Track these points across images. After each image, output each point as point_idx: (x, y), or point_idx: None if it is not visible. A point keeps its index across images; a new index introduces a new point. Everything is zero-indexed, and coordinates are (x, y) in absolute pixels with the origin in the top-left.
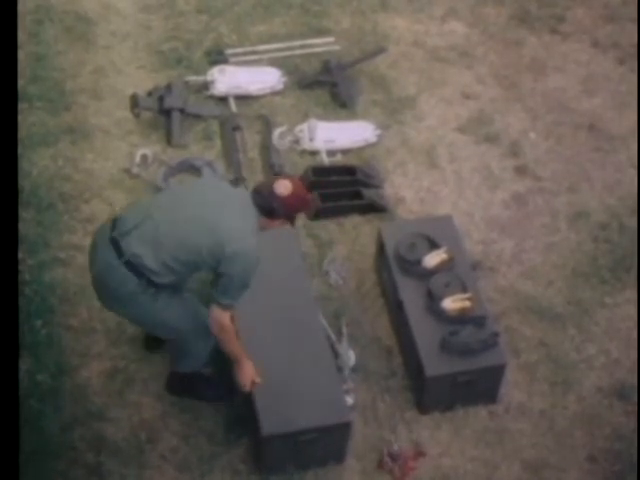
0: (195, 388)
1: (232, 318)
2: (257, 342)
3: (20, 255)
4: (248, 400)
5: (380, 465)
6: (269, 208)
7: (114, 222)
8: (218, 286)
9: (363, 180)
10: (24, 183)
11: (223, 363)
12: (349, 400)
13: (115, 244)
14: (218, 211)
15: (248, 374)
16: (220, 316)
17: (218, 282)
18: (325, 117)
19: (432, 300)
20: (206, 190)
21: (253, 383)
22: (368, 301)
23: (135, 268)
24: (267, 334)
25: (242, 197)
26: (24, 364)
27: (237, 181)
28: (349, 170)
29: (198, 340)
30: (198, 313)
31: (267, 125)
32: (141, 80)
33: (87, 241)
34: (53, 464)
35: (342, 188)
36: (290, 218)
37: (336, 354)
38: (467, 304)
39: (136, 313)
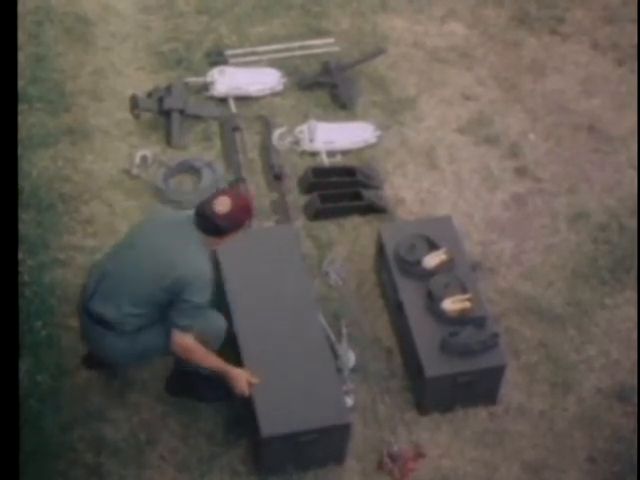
0: (194, 388)
1: (197, 338)
2: (257, 343)
3: (20, 256)
4: (248, 401)
5: (380, 466)
6: (215, 228)
7: (83, 290)
8: (175, 310)
9: (363, 181)
10: (24, 184)
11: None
12: (349, 401)
13: (86, 310)
14: (161, 246)
15: (240, 380)
16: (181, 339)
17: (174, 306)
18: (325, 118)
19: (432, 301)
20: (149, 229)
21: (250, 385)
22: (368, 302)
23: (104, 324)
24: (267, 334)
25: (183, 223)
26: (24, 364)
27: (237, 182)
28: (349, 171)
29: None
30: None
31: (267, 126)
32: (141, 81)
33: (87, 242)
34: (53, 464)
35: (342, 189)
36: (239, 229)
37: (336, 355)
38: (467, 305)
39: (120, 357)
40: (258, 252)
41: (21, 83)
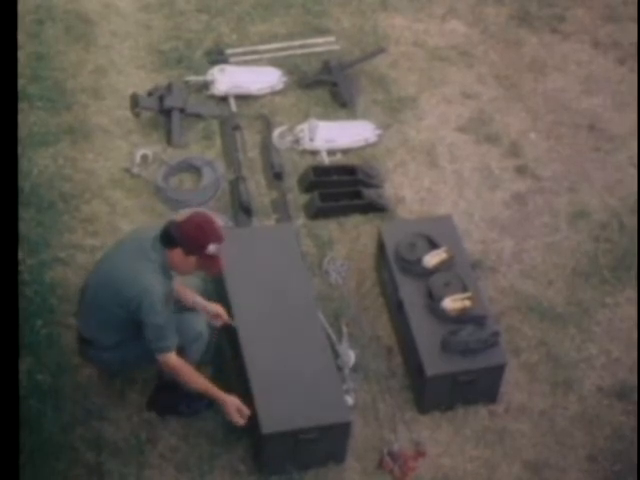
0: (173, 404)
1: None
2: (257, 341)
3: (20, 255)
4: (248, 399)
5: (380, 465)
6: (165, 236)
7: None
8: (146, 338)
9: (363, 180)
10: (24, 183)
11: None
12: (349, 400)
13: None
14: (119, 265)
15: (230, 408)
16: (164, 359)
17: (143, 333)
18: (325, 117)
19: (432, 300)
20: (117, 247)
21: (241, 413)
22: (368, 301)
23: (83, 340)
24: (267, 333)
25: (146, 242)
26: (24, 364)
27: (237, 181)
28: (349, 170)
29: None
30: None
31: (267, 125)
32: (141, 80)
33: (87, 241)
34: (53, 464)
35: (342, 188)
36: (190, 247)
37: (336, 354)
38: (467, 304)
39: (109, 368)
40: (258, 251)
41: (22, 82)
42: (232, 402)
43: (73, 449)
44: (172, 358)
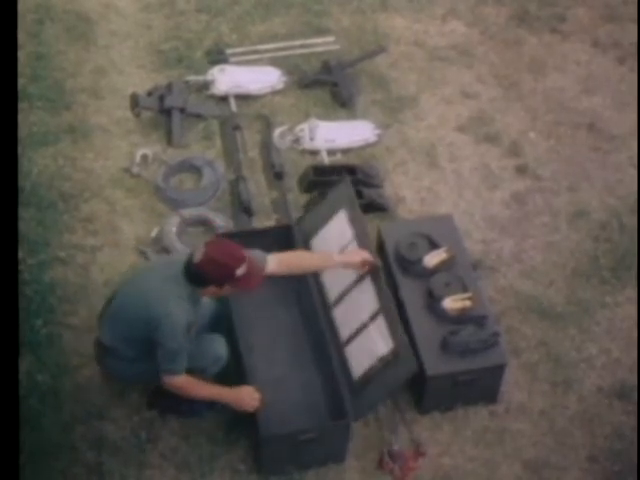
0: (173, 404)
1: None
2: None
3: (20, 255)
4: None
5: (380, 465)
6: (191, 277)
7: None
8: (157, 357)
9: (363, 179)
10: (24, 182)
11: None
12: None
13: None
14: (147, 284)
15: (242, 400)
16: (171, 381)
17: (156, 353)
18: (325, 116)
19: (432, 300)
20: (148, 267)
21: (255, 399)
22: None
23: (102, 347)
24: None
25: (176, 267)
26: (24, 363)
27: (237, 180)
28: (349, 169)
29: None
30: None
31: (267, 125)
32: (141, 79)
33: (87, 240)
34: (53, 463)
35: None
36: (220, 282)
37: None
38: (467, 304)
39: (120, 377)
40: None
41: (21, 81)
42: (244, 394)
43: (73, 449)
44: (176, 380)
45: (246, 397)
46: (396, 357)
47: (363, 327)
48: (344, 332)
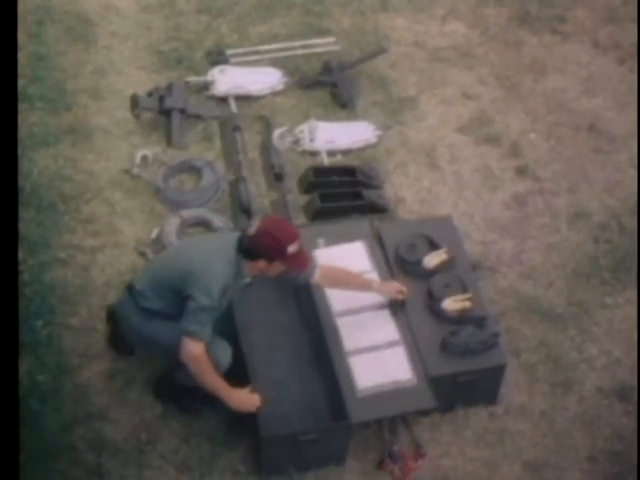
0: (178, 396)
1: (206, 352)
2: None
3: (20, 255)
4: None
5: (380, 466)
6: (242, 248)
7: None
8: (184, 313)
9: (363, 180)
10: (24, 183)
11: None
12: None
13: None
14: (195, 246)
15: (242, 404)
16: (190, 346)
17: (185, 308)
18: (325, 117)
19: (432, 300)
20: (206, 237)
21: (255, 400)
22: None
23: (132, 294)
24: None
25: (228, 239)
26: (24, 364)
27: (237, 181)
28: (349, 171)
29: None
30: None
31: (267, 125)
32: (141, 80)
33: (87, 241)
34: (53, 464)
35: (342, 188)
36: (268, 257)
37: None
38: (467, 304)
39: (132, 331)
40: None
41: (22, 82)
42: (243, 397)
43: (73, 449)
44: (197, 347)
45: (246, 400)
46: (415, 390)
47: (376, 348)
48: (349, 343)
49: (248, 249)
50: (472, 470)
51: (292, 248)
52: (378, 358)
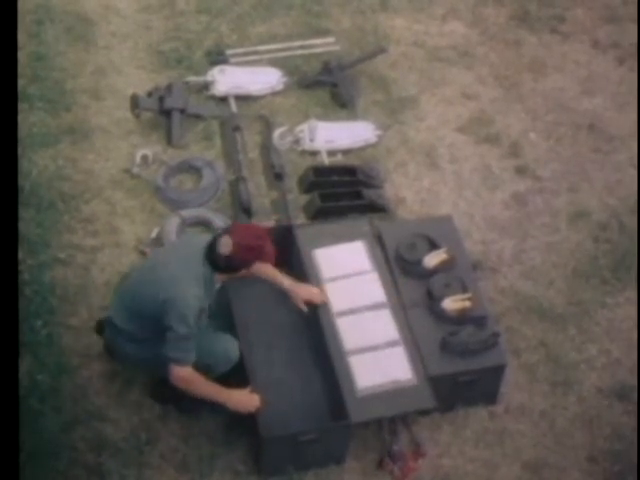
0: (176, 398)
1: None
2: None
3: (20, 255)
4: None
5: (380, 466)
6: (219, 268)
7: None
8: (165, 342)
9: (363, 180)
10: (24, 183)
11: None
12: None
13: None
14: (165, 265)
15: (241, 405)
16: (178, 372)
17: (165, 338)
18: (325, 117)
19: (432, 300)
20: (166, 248)
21: (255, 401)
22: None
23: (114, 327)
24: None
25: (195, 250)
26: (24, 364)
27: (237, 181)
28: (349, 170)
29: None
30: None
31: (267, 125)
32: (141, 80)
33: (87, 241)
34: (53, 464)
35: (342, 188)
36: (249, 266)
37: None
38: (467, 304)
39: (131, 360)
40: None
41: (21, 82)
42: (242, 398)
43: (73, 449)
44: (184, 371)
45: (245, 401)
46: (415, 390)
47: (375, 348)
48: (349, 343)
49: (227, 267)
50: (472, 470)
51: (268, 246)
52: (378, 358)
